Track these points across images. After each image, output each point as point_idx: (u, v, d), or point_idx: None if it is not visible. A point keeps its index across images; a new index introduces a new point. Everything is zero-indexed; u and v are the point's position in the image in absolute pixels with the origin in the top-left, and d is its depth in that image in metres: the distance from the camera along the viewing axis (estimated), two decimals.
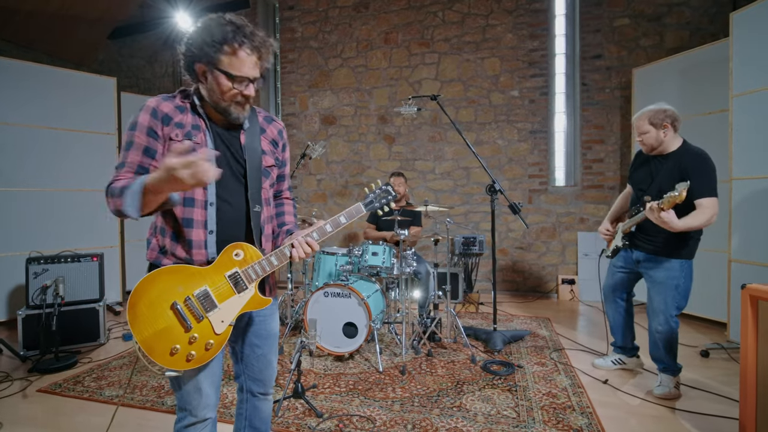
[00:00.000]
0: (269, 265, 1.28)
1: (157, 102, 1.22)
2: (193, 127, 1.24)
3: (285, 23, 5.86)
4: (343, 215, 1.35)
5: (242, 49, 1.15)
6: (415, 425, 2.15)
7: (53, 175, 4.04)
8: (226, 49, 1.15)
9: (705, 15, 4.48)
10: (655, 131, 2.38)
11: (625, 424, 2.19)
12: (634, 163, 2.66)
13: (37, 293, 3.16)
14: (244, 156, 1.30)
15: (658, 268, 2.43)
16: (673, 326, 2.41)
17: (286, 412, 2.28)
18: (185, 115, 1.24)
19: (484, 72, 5.17)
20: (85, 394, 2.55)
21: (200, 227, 1.24)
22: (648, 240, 2.46)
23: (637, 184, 2.57)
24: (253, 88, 1.22)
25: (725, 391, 2.50)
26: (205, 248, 1.25)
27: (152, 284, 1.18)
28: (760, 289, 1.78)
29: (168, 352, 1.17)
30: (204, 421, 1.31)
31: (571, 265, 5.01)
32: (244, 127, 1.32)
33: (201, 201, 1.24)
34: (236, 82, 1.18)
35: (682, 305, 2.40)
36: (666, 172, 2.37)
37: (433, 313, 3.47)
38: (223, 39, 1.14)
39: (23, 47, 5.78)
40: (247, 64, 1.17)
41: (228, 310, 1.25)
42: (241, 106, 1.24)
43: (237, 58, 1.16)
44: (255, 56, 1.18)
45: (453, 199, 5.32)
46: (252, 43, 1.16)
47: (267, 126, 1.42)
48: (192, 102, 1.26)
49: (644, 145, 2.46)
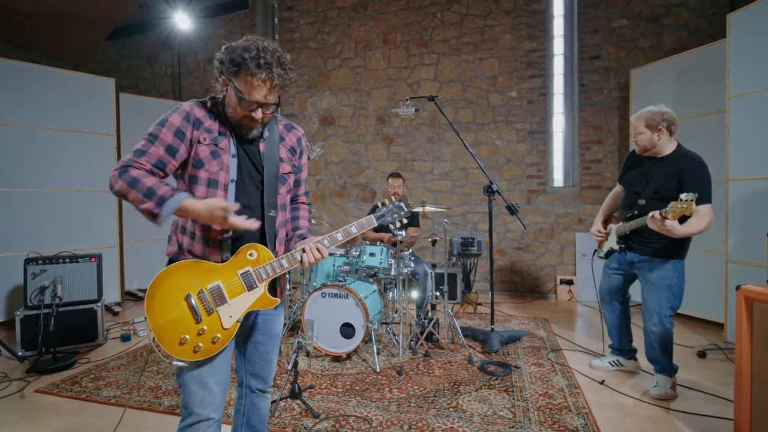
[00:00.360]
0: (280, 267, 1.35)
1: (191, 106, 1.31)
2: (220, 133, 1.32)
3: (284, 24, 5.87)
4: (354, 225, 1.43)
5: (256, 77, 1.21)
6: (411, 426, 2.16)
7: (51, 176, 4.05)
8: (242, 73, 1.22)
9: (703, 16, 4.49)
10: (650, 133, 2.39)
11: (620, 424, 2.20)
12: (627, 163, 2.66)
13: (35, 294, 3.16)
14: (262, 163, 1.37)
15: (651, 269, 2.45)
16: (668, 327, 2.43)
17: (283, 412, 2.29)
18: (214, 122, 1.33)
19: (483, 73, 5.18)
20: (83, 394, 2.56)
21: (218, 228, 1.30)
22: (642, 242, 2.48)
23: (631, 185, 2.58)
24: (261, 113, 1.28)
25: (721, 391, 2.51)
26: (220, 248, 1.32)
27: (171, 276, 1.26)
28: (755, 290, 1.79)
29: (177, 342, 1.22)
30: (207, 420, 1.32)
31: (569, 266, 5.02)
32: (263, 136, 1.39)
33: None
34: (244, 104, 1.25)
35: (676, 305, 2.43)
36: (661, 176, 2.38)
37: (431, 313, 3.47)
38: (241, 63, 1.21)
39: (21, 47, 5.79)
40: (257, 90, 1.23)
41: (237, 306, 1.31)
42: (249, 126, 1.31)
43: (250, 83, 1.22)
44: (268, 85, 1.23)
45: (451, 200, 5.32)
46: (268, 73, 1.21)
47: (287, 134, 1.49)
48: (220, 110, 1.35)
49: (638, 146, 2.48)
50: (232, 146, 1.33)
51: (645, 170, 2.48)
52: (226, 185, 1.31)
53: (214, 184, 1.30)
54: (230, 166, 1.31)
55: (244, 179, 1.34)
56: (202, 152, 1.29)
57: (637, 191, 2.51)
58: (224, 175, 1.31)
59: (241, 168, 1.34)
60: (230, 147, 1.33)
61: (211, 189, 1.30)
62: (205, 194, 1.30)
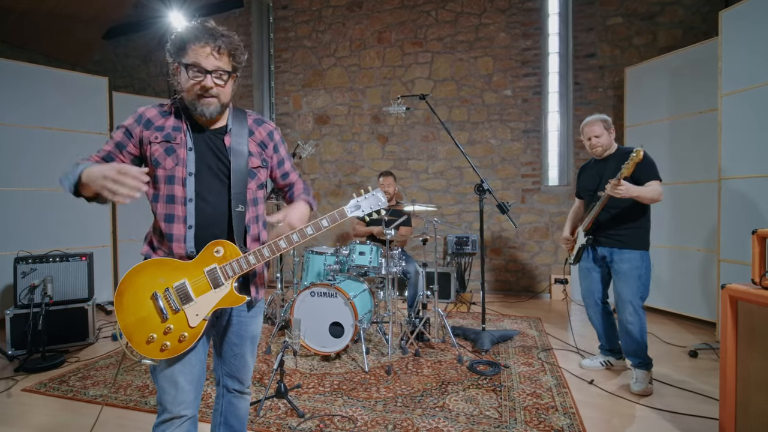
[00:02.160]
0: (246, 263, 1.32)
1: (144, 109, 1.35)
2: (174, 128, 1.32)
3: (279, 23, 5.86)
4: (325, 218, 1.38)
5: (197, 45, 1.24)
6: (396, 425, 2.15)
7: (48, 175, 4.04)
8: (186, 47, 1.24)
9: (698, 13, 4.46)
10: (607, 134, 2.63)
11: (607, 424, 2.18)
12: (580, 176, 2.88)
13: (25, 293, 3.16)
14: (228, 157, 1.35)
15: (622, 260, 2.57)
16: (642, 317, 2.53)
17: (268, 411, 2.28)
18: (167, 119, 1.33)
19: (477, 71, 5.16)
20: (70, 393, 2.55)
21: (180, 222, 1.30)
22: (609, 235, 2.62)
23: (587, 189, 2.76)
24: (210, 80, 1.25)
25: (710, 391, 2.49)
26: (184, 242, 1.31)
27: (139, 274, 1.26)
28: (740, 289, 1.77)
29: (145, 340, 1.23)
30: (180, 417, 1.31)
31: (563, 265, 4.99)
32: (228, 129, 1.37)
33: (181, 198, 1.30)
34: (191, 72, 1.24)
35: (645, 295, 2.55)
36: (612, 169, 2.51)
37: (422, 313, 3.46)
38: (184, 37, 1.25)
39: (18, 47, 5.80)
40: (202, 56, 1.24)
41: (203, 304, 1.29)
42: (203, 100, 1.27)
43: (193, 51, 1.24)
44: (209, 49, 1.24)
45: (446, 199, 5.31)
46: (206, 39, 1.24)
47: (256, 128, 1.47)
48: (177, 106, 1.35)
49: (599, 147, 2.64)
50: (188, 140, 1.32)
51: (595, 171, 2.70)
52: (183, 179, 1.30)
53: (171, 180, 1.30)
54: (187, 159, 1.30)
55: (204, 172, 1.32)
56: (155, 151, 1.29)
57: (593, 189, 2.69)
58: (181, 170, 1.30)
59: (201, 161, 1.32)
60: (186, 141, 1.31)
61: (168, 185, 1.30)
62: (165, 191, 1.30)
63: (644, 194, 2.44)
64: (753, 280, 1.76)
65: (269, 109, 6.13)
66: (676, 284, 4.01)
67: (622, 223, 2.57)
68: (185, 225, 1.30)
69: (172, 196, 1.30)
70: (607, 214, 2.60)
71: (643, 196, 2.44)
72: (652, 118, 4.17)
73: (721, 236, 3.29)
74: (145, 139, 1.30)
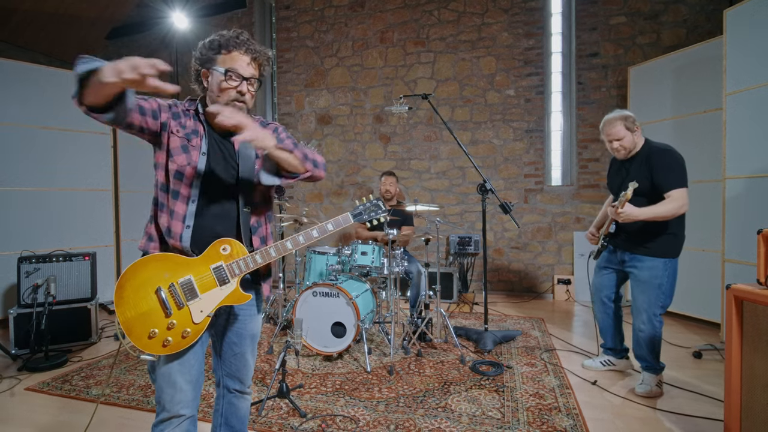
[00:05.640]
0: (253, 262, 1.34)
1: (174, 101, 1.40)
2: (193, 131, 1.36)
3: (281, 23, 5.87)
4: (330, 223, 1.42)
5: (235, 51, 1.30)
6: (398, 425, 2.14)
7: (48, 175, 4.06)
8: (222, 51, 1.30)
9: (701, 12, 4.44)
10: (631, 135, 2.44)
11: (610, 425, 2.17)
12: (610, 170, 2.73)
13: (28, 292, 3.17)
14: (237, 161, 1.39)
15: (642, 267, 2.45)
16: (656, 326, 2.43)
17: (270, 411, 2.27)
18: (188, 119, 1.37)
19: (480, 71, 5.15)
20: (72, 392, 2.56)
21: (179, 220, 1.31)
22: (629, 239, 2.49)
23: (613, 188, 2.66)
24: (245, 86, 1.31)
25: (714, 392, 2.47)
26: (180, 240, 1.32)
27: (141, 269, 1.26)
28: (745, 289, 1.76)
29: (146, 335, 1.22)
30: (178, 417, 1.31)
31: (567, 266, 4.98)
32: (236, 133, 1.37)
33: (185, 197, 1.32)
34: (228, 78, 1.28)
35: (667, 304, 2.43)
36: (635, 171, 2.43)
37: (424, 313, 3.45)
38: (221, 43, 1.30)
39: (20, 47, 5.82)
40: (239, 62, 1.29)
41: (208, 301, 1.30)
42: (235, 104, 1.31)
43: (230, 57, 1.30)
44: (247, 57, 1.31)
45: (449, 199, 5.30)
46: (247, 47, 1.31)
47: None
48: (196, 109, 1.39)
49: (623, 150, 2.46)
50: (204, 144, 1.35)
51: (621, 170, 2.56)
52: (191, 180, 1.32)
53: (179, 177, 1.32)
54: (198, 162, 1.33)
55: (213, 175, 1.35)
56: (173, 143, 1.32)
57: (618, 187, 2.57)
58: (191, 171, 1.32)
59: (211, 165, 1.35)
60: (202, 145, 1.35)
61: (176, 180, 1.32)
62: (172, 186, 1.32)
63: (654, 216, 2.23)
64: (758, 280, 1.75)
65: (272, 109, 6.14)
66: (679, 285, 3.95)
67: (645, 227, 2.35)
68: (183, 224, 1.31)
69: (177, 192, 1.32)
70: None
71: (656, 217, 2.24)
72: (656, 117, 4.15)
73: (725, 236, 3.27)
74: (167, 126, 1.32)
